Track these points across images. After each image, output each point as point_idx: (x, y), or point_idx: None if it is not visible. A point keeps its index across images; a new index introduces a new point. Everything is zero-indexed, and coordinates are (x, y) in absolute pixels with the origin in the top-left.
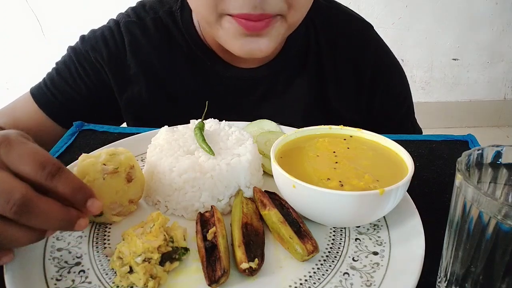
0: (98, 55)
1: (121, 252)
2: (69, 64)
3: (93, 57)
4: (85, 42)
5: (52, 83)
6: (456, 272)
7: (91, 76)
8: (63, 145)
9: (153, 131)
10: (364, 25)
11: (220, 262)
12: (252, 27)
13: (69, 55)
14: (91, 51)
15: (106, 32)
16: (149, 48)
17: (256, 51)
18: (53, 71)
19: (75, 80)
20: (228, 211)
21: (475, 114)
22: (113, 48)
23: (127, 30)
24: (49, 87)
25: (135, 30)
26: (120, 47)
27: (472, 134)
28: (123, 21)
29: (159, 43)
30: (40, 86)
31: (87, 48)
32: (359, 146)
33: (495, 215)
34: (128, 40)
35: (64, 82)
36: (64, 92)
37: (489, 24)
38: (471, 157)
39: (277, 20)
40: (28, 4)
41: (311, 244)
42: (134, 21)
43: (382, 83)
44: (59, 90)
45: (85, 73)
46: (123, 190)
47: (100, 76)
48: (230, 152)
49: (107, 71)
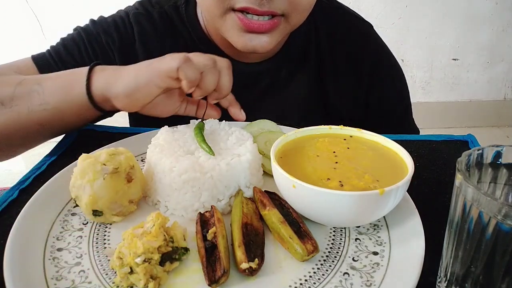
0: (110, 40)
1: (121, 253)
2: (78, 42)
3: (104, 40)
4: (97, 25)
5: (57, 54)
6: (456, 272)
7: (99, 57)
8: (63, 145)
9: (153, 131)
10: (364, 24)
11: (220, 262)
12: (257, 27)
13: (79, 33)
14: (103, 34)
15: (117, 19)
16: (155, 40)
17: (258, 47)
18: (59, 46)
19: (82, 56)
20: (228, 211)
21: (475, 114)
22: (124, 35)
23: (136, 21)
24: (53, 57)
25: (143, 21)
26: (130, 36)
27: (472, 134)
28: (132, 12)
29: (164, 36)
30: (43, 54)
31: (99, 30)
32: (359, 146)
33: (495, 215)
34: (137, 29)
35: (70, 56)
36: (68, 65)
37: (489, 24)
38: (471, 157)
39: (281, 22)
40: (28, 4)
41: (311, 244)
42: (142, 13)
43: (380, 80)
44: (63, 62)
45: (93, 53)
46: (123, 190)
47: (108, 59)
48: (230, 152)
49: (116, 56)
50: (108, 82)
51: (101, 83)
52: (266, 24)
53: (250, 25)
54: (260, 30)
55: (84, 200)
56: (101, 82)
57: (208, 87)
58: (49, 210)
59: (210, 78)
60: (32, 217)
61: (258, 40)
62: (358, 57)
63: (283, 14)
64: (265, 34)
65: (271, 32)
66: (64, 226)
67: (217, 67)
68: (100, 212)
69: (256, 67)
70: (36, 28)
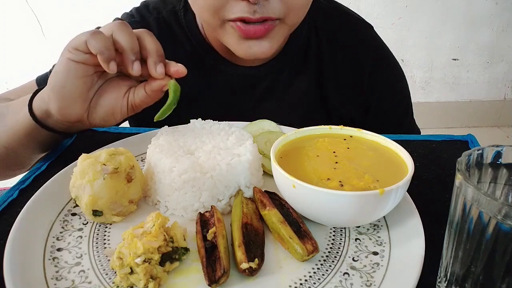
0: None
1: (121, 253)
2: None
3: None
4: None
5: None
6: (456, 272)
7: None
8: (64, 145)
9: (153, 131)
10: (364, 25)
11: (220, 262)
12: (253, 33)
13: None
14: None
15: None
16: None
17: (259, 53)
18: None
19: None
20: (228, 211)
21: (475, 114)
22: None
23: None
24: None
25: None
26: None
27: (472, 134)
28: (127, 21)
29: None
30: (46, 75)
31: None
32: (359, 146)
33: (495, 215)
34: None
35: None
36: None
37: (489, 24)
38: (471, 157)
39: (276, 24)
40: (28, 4)
41: (311, 244)
42: (137, 21)
43: (380, 81)
44: None
45: None
46: (123, 190)
47: None
48: (230, 152)
49: None
50: (42, 92)
51: (38, 97)
52: (261, 28)
53: (247, 32)
54: (256, 35)
55: (84, 200)
56: (39, 96)
57: (126, 46)
58: (49, 210)
59: (121, 36)
60: (32, 217)
61: (259, 46)
62: (358, 59)
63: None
64: (264, 39)
65: (270, 36)
66: (64, 226)
67: (130, 30)
68: (100, 212)
69: (256, 70)
70: (36, 28)
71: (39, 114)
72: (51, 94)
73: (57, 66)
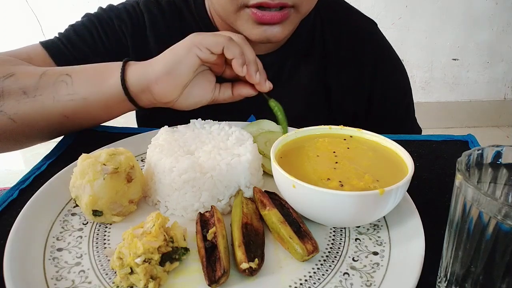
0: (123, 25)
1: (121, 253)
2: (90, 27)
3: (117, 25)
4: (108, 11)
5: (68, 40)
6: (456, 272)
7: (112, 41)
8: (63, 145)
9: (153, 131)
10: (368, 21)
11: (220, 262)
12: (269, 19)
13: (90, 19)
14: (116, 20)
15: (128, 6)
16: (164, 28)
17: (271, 37)
18: (69, 32)
19: (95, 42)
20: (228, 211)
21: (475, 114)
22: (136, 22)
23: (147, 8)
24: (64, 42)
25: (154, 9)
26: (141, 23)
27: (472, 134)
28: (141, 1)
29: (173, 25)
30: (52, 40)
31: (112, 16)
32: (359, 146)
33: (495, 215)
34: (148, 17)
35: (82, 42)
36: (80, 50)
37: (489, 24)
38: (471, 157)
39: (291, 12)
40: (28, 4)
41: (311, 244)
42: (151, 1)
43: (382, 76)
44: (75, 47)
45: (106, 38)
46: (123, 190)
47: (121, 45)
48: (230, 152)
49: (129, 42)
50: (145, 69)
51: (137, 73)
52: (278, 14)
53: (263, 18)
54: (272, 21)
55: (84, 200)
56: (137, 72)
57: (251, 57)
58: (49, 210)
59: (247, 49)
60: (32, 217)
61: (271, 30)
62: (361, 53)
63: (293, 5)
64: (277, 25)
65: (282, 23)
66: (64, 226)
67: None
68: (100, 212)
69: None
70: (36, 28)
71: (134, 89)
72: (164, 78)
73: (179, 57)
